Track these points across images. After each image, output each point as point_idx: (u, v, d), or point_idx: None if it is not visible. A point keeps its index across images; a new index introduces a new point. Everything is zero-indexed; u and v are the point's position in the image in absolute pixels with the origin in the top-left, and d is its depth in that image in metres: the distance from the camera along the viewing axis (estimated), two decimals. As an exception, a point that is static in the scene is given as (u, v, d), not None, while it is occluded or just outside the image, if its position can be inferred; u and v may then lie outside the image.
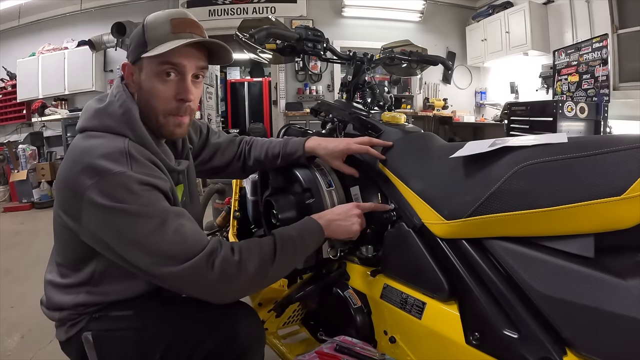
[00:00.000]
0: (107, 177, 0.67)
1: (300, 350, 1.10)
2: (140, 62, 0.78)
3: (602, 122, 3.25)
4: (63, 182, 0.72)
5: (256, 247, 0.75)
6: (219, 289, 0.71)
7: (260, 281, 0.76)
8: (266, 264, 0.74)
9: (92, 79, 5.02)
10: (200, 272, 0.68)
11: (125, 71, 0.80)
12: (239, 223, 1.42)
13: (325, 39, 1.12)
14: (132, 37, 0.79)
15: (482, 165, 0.69)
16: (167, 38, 0.75)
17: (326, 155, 0.99)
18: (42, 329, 1.65)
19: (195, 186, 0.98)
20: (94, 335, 0.78)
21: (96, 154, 0.69)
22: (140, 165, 0.71)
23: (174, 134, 0.82)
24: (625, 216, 0.53)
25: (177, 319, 0.79)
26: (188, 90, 0.78)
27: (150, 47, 0.75)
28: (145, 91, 0.78)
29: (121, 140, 0.73)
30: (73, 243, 0.76)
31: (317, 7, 5.14)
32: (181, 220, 0.71)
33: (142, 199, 0.68)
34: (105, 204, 0.66)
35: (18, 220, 3.98)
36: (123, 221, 0.67)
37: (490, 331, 0.65)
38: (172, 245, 0.68)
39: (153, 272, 0.69)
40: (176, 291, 0.74)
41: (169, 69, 0.76)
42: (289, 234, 0.79)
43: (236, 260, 0.71)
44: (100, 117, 0.76)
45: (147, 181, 0.70)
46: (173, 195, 0.78)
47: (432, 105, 5.25)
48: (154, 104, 0.78)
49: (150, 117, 0.79)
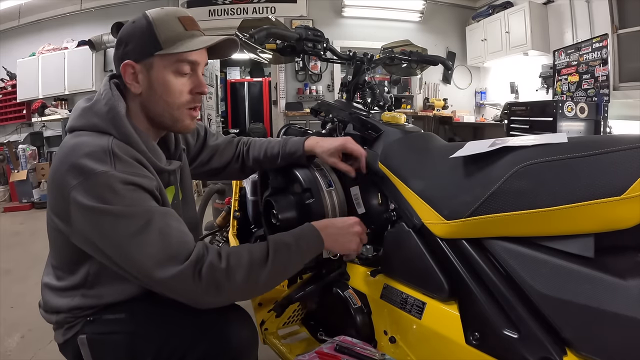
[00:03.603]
0: (91, 177, 0.66)
1: (300, 350, 1.10)
2: (149, 60, 0.76)
3: (602, 122, 3.25)
4: (52, 182, 0.72)
5: (246, 254, 0.72)
6: (206, 297, 0.69)
7: (251, 288, 0.73)
8: (256, 271, 0.71)
9: (92, 79, 5.02)
10: (186, 280, 0.66)
11: (127, 71, 0.77)
12: (239, 223, 1.42)
13: (325, 39, 1.12)
14: (131, 35, 0.77)
15: (482, 165, 0.69)
16: (183, 36, 0.76)
17: (323, 152, 0.99)
18: (41, 329, 1.65)
19: (190, 187, 0.97)
20: (88, 339, 0.77)
21: (80, 152, 0.69)
22: (124, 164, 0.70)
23: (189, 128, 0.84)
24: (625, 216, 0.53)
25: (169, 322, 0.78)
26: (203, 83, 0.82)
27: (167, 45, 0.75)
28: (158, 88, 0.77)
29: (105, 138, 0.72)
30: (65, 245, 0.75)
31: (317, 7, 5.14)
32: (167, 220, 0.70)
33: (126, 199, 0.67)
34: (89, 204, 0.65)
35: (18, 220, 3.98)
36: (107, 222, 0.66)
37: (490, 331, 0.65)
38: (158, 249, 0.66)
39: (138, 276, 0.68)
40: (163, 295, 0.71)
41: (185, 66, 0.78)
42: (284, 240, 0.77)
43: (223, 267, 0.68)
44: (87, 116, 0.76)
45: (131, 180, 0.69)
46: (161, 194, 0.76)
47: (432, 105, 5.25)
48: (170, 99, 0.78)
49: (164, 114, 0.80)
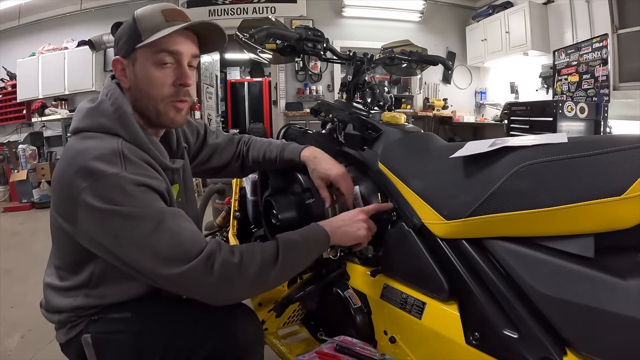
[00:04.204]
0: (101, 179, 0.66)
1: (300, 350, 1.10)
2: (133, 54, 0.76)
3: (602, 122, 3.25)
4: (58, 184, 0.72)
5: (258, 251, 0.73)
6: (218, 292, 0.70)
7: (261, 285, 0.74)
8: (267, 268, 0.72)
9: (92, 79, 5.01)
10: (199, 275, 0.67)
11: (116, 67, 0.78)
12: (239, 223, 1.42)
13: (325, 39, 1.12)
14: (121, 32, 0.78)
15: (482, 165, 0.69)
16: (162, 26, 0.75)
17: (313, 172, 0.97)
18: (42, 329, 1.65)
19: (191, 186, 0.97)
20: (93, 338, 0.77)
21: (90, 155, 0.68)
22: (134, 166, 0.71)
23: (175, 122, 0.81)
24: (625, 216, 0.53)
25: (175, 321, 0.78)
26: (186, 75, 0.78)
27: (145, 36, 0.74)
28: (141, 81, 0.77)
29: (115, 140, 0.72)
30: (70, 246, 0.75)
31: (317, 7, 5.13)
32: (178, 221, 0.70)
33: (137, 200, 0.67)
34: (100, 206, 0.66)
35: (18, 220, 3.98)
36: (119, 223, 0.66)
37: (490, 331, 0.65)
38: (170, 247, 0.67)
39: (151, 275, 0.68)
40: (175, 293, 0.73)
41: (166, 57, 0.76)
42: (293, 239, 0.78)
43: (236, 262, 0.70)
44: (93, 117, 0.75)
45: (141, 182, 0.69)
46: (169, 195, 0.77)
47: (432, 105, 5.25)
48: (153, 92, 0.77)
49: (149, 107, 0.79)
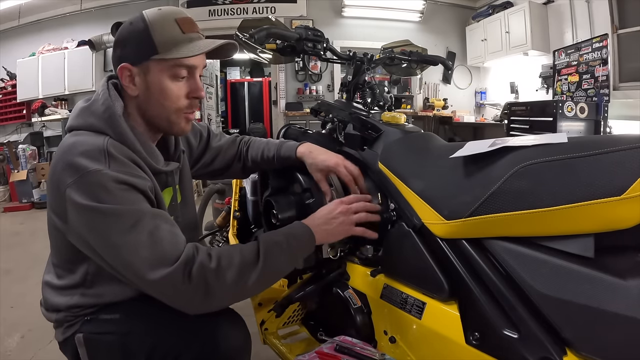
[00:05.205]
0: (84, 175, 0.67)
1: (300, 350, 1.10)
2: (145, 64, 0.75)
3: (602, 122, 3.25)
4: (50, 181, 0.73)
5: (236, 253, 0.71)
6: (194, 301, 0.67)
7: (241, 291, 0.71)
8: (247, 272, 0.70)
9: (92, 79, 5.01)
10: (177, 282, 0.65)
11: (123, 74, 0.76)
12: (239, 223, 1.42)
13: (325, 39, 1.12)
14: (128, 36, 0.76)
15: (482, 165, 0.69)
16: (179, 39, 0.75)
17: (311, 165, 0.97)
18: (42, 329, 1.65)
19: (190, 189, 0.97)
20: (84, 338, 0.78)
21: (76, 151, 0.69)
22: (118, 164, 0.70)
23: (185, 131, 0.84)
24: (625, 216, 0.53)
25: (161, 325, 0.77)
26: (200, 88, 0.81)
27: (163, 49, 0.74)
28: (154, 92, 0.77)
29: (101, 138, 0.73)
30: (64, 244, 0.75)
31: (317, 7, 5.13)
32: (157, 222, 0.68)
33: (117, 198, 0.67)
34: (82, 202, 0.66)
35: (18, 220, 3.98)
36: (100, 221, 0.66)
37: (490, 331, 0.65)
38: (147, 248, 0.65)
39: (129, 277, 0.67)
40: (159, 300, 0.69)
41: (182, 71, 0.77)
42: (275, 239, 0.76)
43: (213, 267, 0.67)
44: (84, 116, 0.76)
45: (124, 180, 0.68)
46: (156, 195, 0.76)
47: (432, 105, 5.25)
48: (167, 103, 0.78)
49: (161, 117, 0.80)
